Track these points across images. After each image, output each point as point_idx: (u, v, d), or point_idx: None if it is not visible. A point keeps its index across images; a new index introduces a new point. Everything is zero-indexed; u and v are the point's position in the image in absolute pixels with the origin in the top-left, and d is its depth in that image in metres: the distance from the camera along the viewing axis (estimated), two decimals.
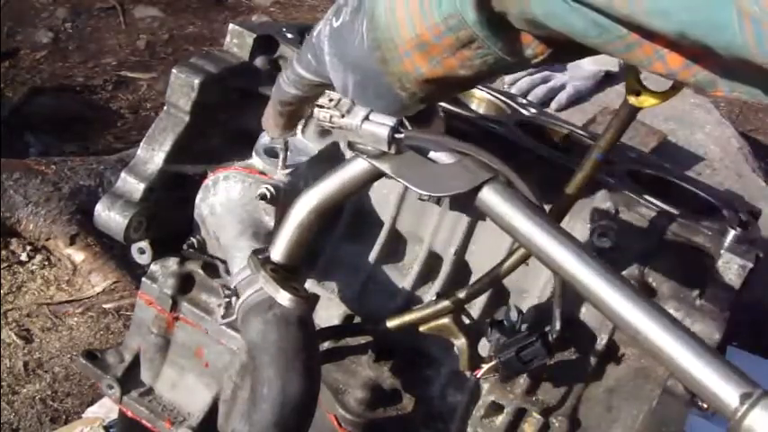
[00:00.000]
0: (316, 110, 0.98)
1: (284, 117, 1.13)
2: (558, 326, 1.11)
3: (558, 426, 1.24)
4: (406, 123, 0.95)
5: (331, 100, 0.97)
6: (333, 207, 1.03)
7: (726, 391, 0.80)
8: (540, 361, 1.12)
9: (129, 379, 1.43)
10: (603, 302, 0.85)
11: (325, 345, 1.30)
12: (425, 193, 0.96)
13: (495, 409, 1.26)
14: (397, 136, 0.93)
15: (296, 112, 1.13)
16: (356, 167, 1.00)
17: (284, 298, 1.00)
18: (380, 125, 0.94)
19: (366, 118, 0.94)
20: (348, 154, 1.03)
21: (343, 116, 0.95)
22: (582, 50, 0.78)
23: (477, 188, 0.92)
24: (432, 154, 0.95)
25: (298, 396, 1.01)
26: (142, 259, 1.37)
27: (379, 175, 0.98)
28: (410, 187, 0.94)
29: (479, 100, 1.45)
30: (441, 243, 1.30)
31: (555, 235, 0.89)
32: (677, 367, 0.83)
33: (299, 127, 1.36)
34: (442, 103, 1.28)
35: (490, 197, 0.92)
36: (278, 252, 1.04)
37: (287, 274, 1.03)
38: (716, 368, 0.81)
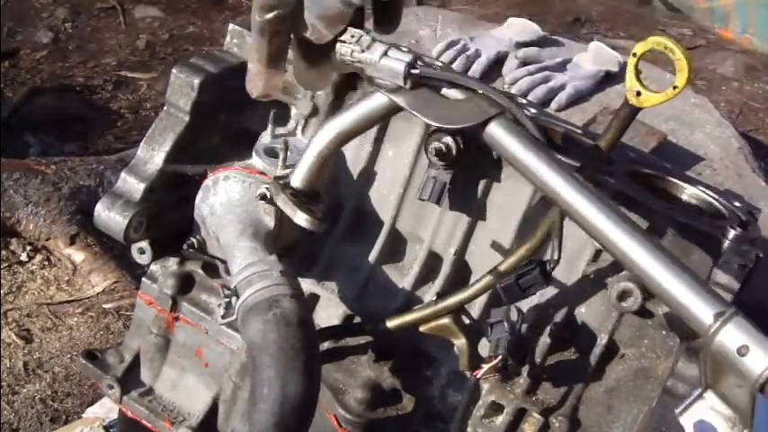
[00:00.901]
0: (338, 45, 1.04)
1: (268, 48, 1.10)
2: (557, 256, 1.13)
3: (558, 426, 1.24)
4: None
5: (353, 36, 1.04)
6: (351, 138, 1.10)
7: (700, 309, 0.89)
8: (537, 288, 1.13)
9: (129, 379, 1.43)
10: (595, 228, 0.94)
11: (326, 345, 1.30)
12: (437, 125, 1.03)
13: (495, 409, 1.26)
14: (412, 71, 1.01)
15: (279, 37, 1.10)
16: (374, 101, 1.07)
17: (301, 218, 1.07)
18: (398, 60, 1.02)
19: (385, 54, 1.02)
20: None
21: (363, 51, 1.03)
22: None
23: (486, 122, 1.00)
24: (444, 91, 1.03)
25: (298, 396, 1.01)
26: (142, 259, 1.37)
27: (395, 109, 1.05)
28: (423, 119, 1.02)
29: None
30: (441, 243, 1.30)
31: (554, 167, 0.97)
32: (659, 287, 0.91)
33: (300, 127, 1.36)
34: None
35: (497, 131, 1.01)
36: (298, 178, 1.11)
37: (305, 199, 1.10)
38: (694, 289, 0.90)
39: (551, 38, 3.08)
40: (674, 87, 0.96)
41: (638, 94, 0.99)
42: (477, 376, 1.20)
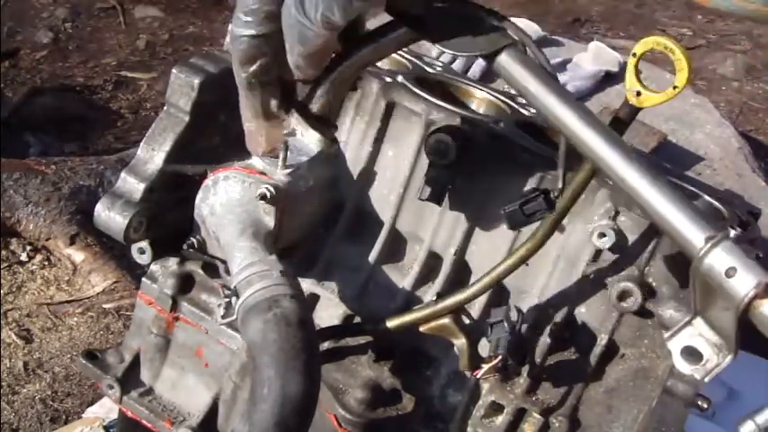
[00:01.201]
0: None
1: (262, 102, 1.13)
2: (560, 184, 1.13)
3: (558, 426, 1.24)
4: None
5: None
6: (367, 65, 1.15)
7: (693, 232, 0.93)
8: (541, 215, 1.14)
9: (129, 379, 1.43)
10: (597, 155, 0.99)
11: (326, 345, 1.30)
12: (452, 53, 1.07)
13: (495, 409, 1.26)
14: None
15: (269, 87, 1.12)
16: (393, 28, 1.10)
17: (312, 137, 1.09)
18: None
19: None
20: None
21: None
22: None
23: (497, 52, 1.04)
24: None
25: (298, 396, 1.01)
26: (142, 259, 1.37)
27: (412, 39, 1.09)
28: (437, 47, 1.05)
29: (479, 100, 1.45)
30: (441, 243, 1.30)
31: (561, 97, 1.01)
32: (653, 211, 0.95)
33: (299, 127, 1.36)
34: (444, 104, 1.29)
35: (507, 62, 1.04)
36: (315, 104, 1.14)
37: (318, 122, 1.14)
38: (686, 213, 0.93)
39: (551, 38, 3.09)
40: (674, 87, 0.96)
41: (638, 94, 0.99)
42: (477, 376, 1.20)
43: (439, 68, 1.50)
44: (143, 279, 1.41)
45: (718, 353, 0.97)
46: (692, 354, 0.99)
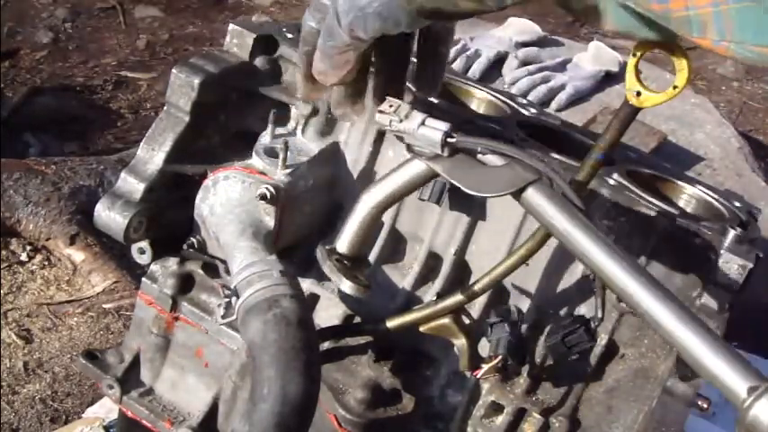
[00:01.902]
0: (377, 115, 1.07)
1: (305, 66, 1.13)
2: (600, 314, 1.14)
3: (558, 426, 1.24)
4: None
5: (391, 105, 1.06)
6: (392, 203, 1.13)
7: (735, 382, 0.87)
8: (582, 346, 1.16)
9: (129, 379, 1.43)
10: (636, 302, 0.93)
11: (326, 345, 1.30)
12: (476, 194, 1.04)
13: (495, 409, 1.26)
14: (449, 140, 1.03)
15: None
16: (413, 168, 1.09)
17: (347, 286, 1.08)
18: (435, 130, 1.04)
19: (422, 123, 1.04)
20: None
21: (401, 121, 1.05)
22: None
23: (522, 189, 1.01)
24: (481, 156, 1.04)
25: (298, 396, 1.01)
26: (142, 259, 1.37)
27: (433, 175, 1.07)
28: (461, 187, 1.02)
29: (479, 100, 1.45)
30: (441, 243, 1.30)
31: (591, 235, 0.97)
32: (692, 357, 0.91)
33: (300, 127, 1.36)
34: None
35: (534, 197, 1.01)
36: (343, 244, 1.13)
37: (350, 265, 1.12)
38: (728, 361, 0.89)
39: (551, 38, 3.09)
40: (674, 87, 0.95)
41: (638, 94, 0.99)
42: (477, 376, 1.20)
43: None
44: (143, 279, 1.41)
45: None
46: None
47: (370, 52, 1.06)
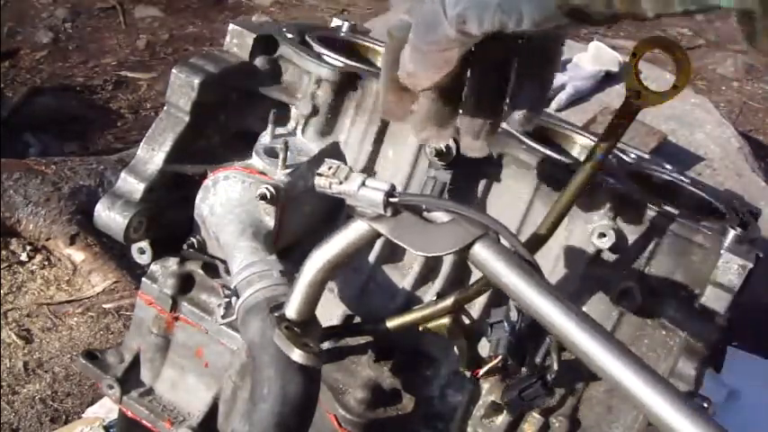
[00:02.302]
0: (316, 178, 1.03)
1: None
2: (555, 367, 1.15)
3: (558, 426, 1.24)
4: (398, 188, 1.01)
5: (330, 168, 1.03)
6: (338, 266, 1.08)
7: None
8: (540, 400, 1.17)
9: (129, 379, 1.43)
10: (592, 360, 0.89)
11: (326, 345, 1.30)
12: (422, 254, 1.00)
13: (495, 409, 1.26)
14: (391, 200, 0.99)
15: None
16: (357, 229, 1.05)
17: (297, 355, 1.04)
18: (376, 190, 1.00)
19: (362, 184, 1.00)
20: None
21: (341, 183, 1.01)
22: None
23: (469, 245, 0.97)
24: (427, 213, 1.00)
25: (298, 396, 1.01)
26: (142, 259, 1.37)
27: (378, 235, 1.03)
28: (407, 248, 0.99)
29: None
30: None
31: (542, 291, 0.93)
32: (660, 423, 0.86)
33: (300, 127, 1.36)
34: None
35: (482, 253, 0.97)
36: (292, 310, 1.09)
37: (300, 331, 1.08)
38: (690, 417, 0.84)
39: None
40: (674, 87, 0.95)
41: (638, 94, 0.99)
42: (477, 376, 1.20)
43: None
44: (143, 279, 1.41)
45: None
46: None
47: (468, 56, 0.90)
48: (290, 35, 1.39)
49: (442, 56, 0.88)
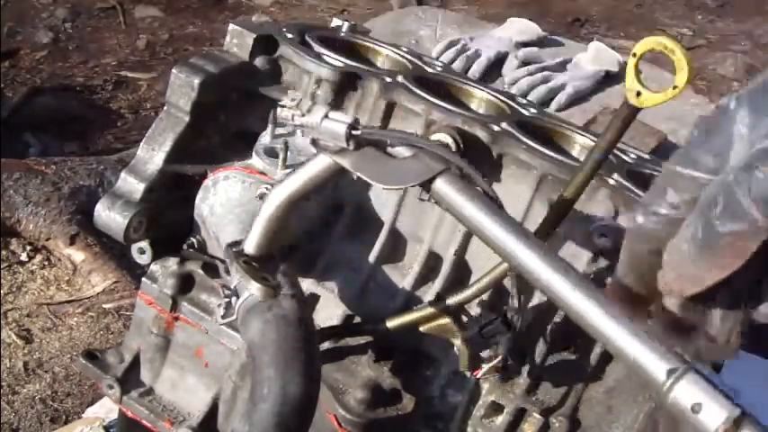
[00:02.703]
0: (278, 109, 1.02)
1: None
2: (515, 303, 1.14)
3: (558, 426, 1.24)
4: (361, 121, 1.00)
5: (293, 99, 1.01)
6: (299, 200, 1.08)
7: (654, 366, 0.86)
8: (501, 337, 1.15)
9: (129, 379, 1.43)
10: (549, 288, 0.91)
11: (325, 345, 1.30)
12: (382, 186, 1.00)
13: (495, 409, 1.26)
14: (354, 132, 1.00)
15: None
16: (320, 163, 1.05)
17: (254, 288, 1.04)
18: (339, 122, 1.00)
19: (325, 116, 1.00)
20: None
21: (303, 115, 1.01)
22: None
23: (431, 179, 0.97)
24: (390, 149, 1.01)
25: (298, 396, 1.01)
26: (142, 259, 1.37)
27: (341, 170, 1.02)
28: (368, 180, 0.99)
29: (479, 100, 1.45)
30: (441, 243, 1.30)
31: (503, 224, 0.94)
32: (613, 346, 0.88)
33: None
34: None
35: (443, 188, 0.98)
36: (251, 245, 1.09)
37: (259, 266, 1.08)
38: (646, 347, 0.86)
39: (551, 38, 3.08)
40: (674, 87, 0.95)
41: (638, 94, 0.99)
42: (477, 376, 1.20)
43: (439, 68, 1.50)
44: (143, 279, 1.41)
45: None
46: None
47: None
48: (289, 35, 1.38)
49: (736, 249, 0.73)
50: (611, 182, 1.22)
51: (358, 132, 1.00)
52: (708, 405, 0.84)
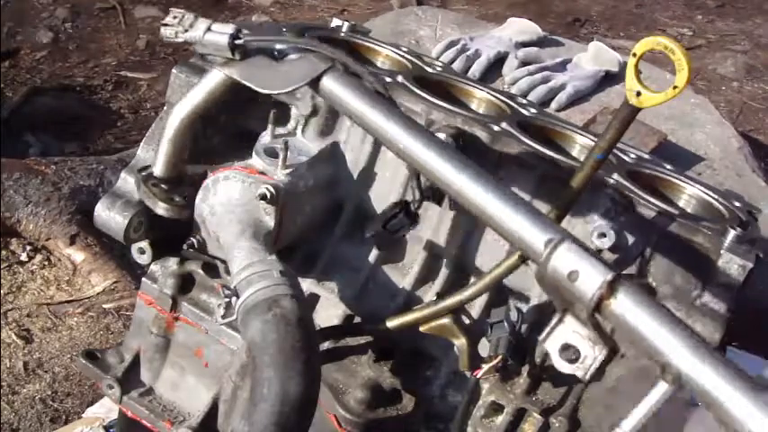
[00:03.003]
0: (162, 29, 1.05)
1: None
2: (418, 195, 1.15)
3: (558, 426, 1.24)
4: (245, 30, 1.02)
5: (175, 17, 1.03)
6: (199, 117, 1.10)
7: (534, 238, 0.89)
8: (405, 230, 1.17)
9: (129, 379, 1.43)
10: (435, 173, 0.94)
11: (326, 345, 1.30)
12: (268, 92, 1.02)
13: (495, 409, 1.26)
14: (237, 42, 1.01)
15: None
16: (213, 78, 1.07)
17: (161, 208, 1.07)
18: (221, 34, 1.01)
19: (208, 29, 1.02)
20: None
21: (186, 30, 1.03)
22: None
23: (318, 79, 0.99)
24: (279, 54, 1.03)
25: (298, 396, 1.01)
26: (142, 259, 1.37)
27: (236, 83, 1.04)
28: (255, 88, 1.00)
29: (479, 100, 1.45)
30: (441, 243, 1.30)
31: (387, 113, 0.96)
32: (496, 222, 0.92)
33: (300, 127, 1.36)
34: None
35: (330, 85, 0.99)
36: (158, 168, 1.13)
37: (167, 187, 1.12)
38: (527, 219, 0.91)
39: (551, 38, 3.08)
40: (674, 87, 0.95)
41: (638, 94, 0.99)
42: (477, 376, 1.20)
43: (439, 68, 1.50)
44: (143, 279, 1.41)
45: (594, 346, 0.93)
46: (569, 352, 0.96)
47: None
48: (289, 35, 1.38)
49: None
50: (612, 182, 1.22)
51: (241, 41, 1.01)
52: (584, 271, 0.85)
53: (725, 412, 0.74)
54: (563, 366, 0.96)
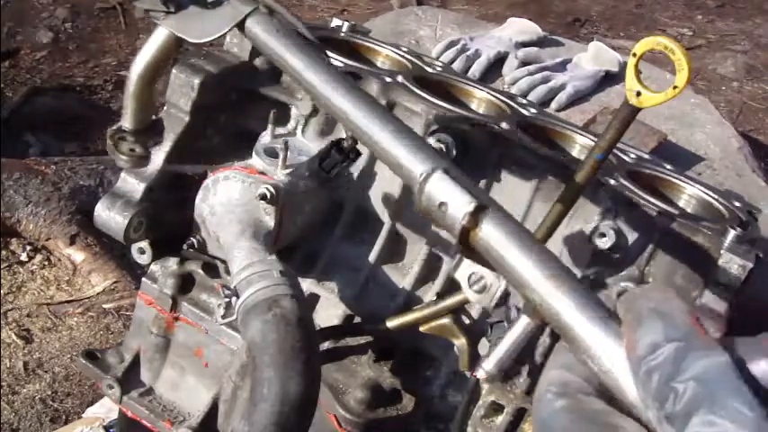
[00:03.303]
0: None
1: None
2: (349, 133, 1.17)
3: None
4: None
5: None
6: (158, 73, 1.17)
7: (413, 167, 0.90)
8: (339, 167, 1.21)
9: (129, 379, 1.43)
10: (340, 111, 0.97)
11: (326, 345, 1.30)
12: (197, 41, 1.06)
13: (495, 409, 1.26)
14: None
15: None
16: (159, 34, 1.13)
17: (121, 160, 1.15)
18: None
19: None
20: None
21: None
22: None
23: (242, 23, 1.01)
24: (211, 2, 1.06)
25: (298, 396, 1.01)
26: (142, 259, 1.37)
27: (177, 36, 1.08)
28: (186, 38, 1.05)
29: (479, 100, 1.45)
30: (441, 243, 1.30)
31: (314, 62, 0.99)
32: (378, 149, 0.93)
33: (300, 127, 1.36)
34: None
35: (254, 28, 1.01)
36: (126, 121, 1.22)
37: (135, 138, 1.21)
38: (408, 149, 0.91)
39: (551, 38, 3.09)
40: (674, 87, 0.95)
41: (638, 94, 0.99)
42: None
43: (439, 68, 1.50)
44: (143, 279, 1.41)
45: (498, 275, 0.95)
46: (476, 282, 0.98)
47: None
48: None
49: None
50: (612, 182, 1.22)
51: None
52: (451, 202, 0.85)
53: (574, 338, 0.72)
54: (472, 296, 0.99)
